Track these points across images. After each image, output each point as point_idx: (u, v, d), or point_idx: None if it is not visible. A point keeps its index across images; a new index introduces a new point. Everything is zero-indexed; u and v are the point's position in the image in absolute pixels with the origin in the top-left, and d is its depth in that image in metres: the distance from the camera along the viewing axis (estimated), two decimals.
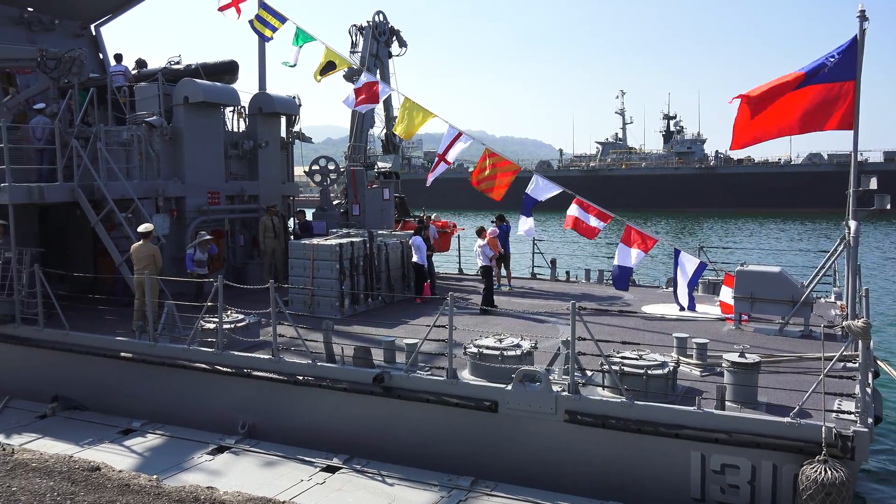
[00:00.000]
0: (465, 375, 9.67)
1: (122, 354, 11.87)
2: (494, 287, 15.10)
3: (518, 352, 9.50)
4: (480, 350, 9.59)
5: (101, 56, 21.28)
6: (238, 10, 16.00)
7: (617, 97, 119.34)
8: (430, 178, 13.51)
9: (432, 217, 17.85)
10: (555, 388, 8.91)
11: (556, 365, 9.71)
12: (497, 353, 9.47)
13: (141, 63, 19.01)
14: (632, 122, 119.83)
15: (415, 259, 15.64)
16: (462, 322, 12.57)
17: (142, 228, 12.65)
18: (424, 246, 15.64)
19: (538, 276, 19.12)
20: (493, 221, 16.07)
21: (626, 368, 8.79)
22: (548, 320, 13.57)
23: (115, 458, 9.63)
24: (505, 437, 9.16)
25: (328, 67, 14.49)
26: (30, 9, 19.42)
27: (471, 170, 13.34)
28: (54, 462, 6.43)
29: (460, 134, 13.07)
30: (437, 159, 13.26)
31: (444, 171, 13.27)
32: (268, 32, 15.65)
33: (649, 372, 8.68)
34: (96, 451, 9.98)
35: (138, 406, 11.78)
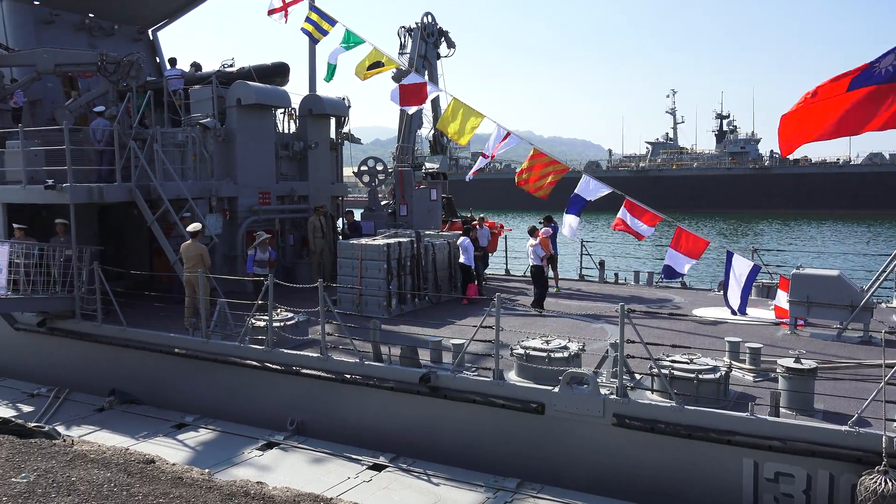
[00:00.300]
0: (512, 377, 9.63)
1: (176, 350, 12.18)
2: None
3: (565, 354, 9.43)
4: (527, 351, 9.54)
5: (157, 60, 21.87)
6: (286, 15, 16.24)
7: (668, 96, 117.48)
8: (472, 175, 13.49)
9: (480, 218, 17.79)
10: (603, 391, 8.81)
11: (604, 368, 9.60)
12: (544, 354, 9.41)
13: (196, 66, 19.47)
14: (683, 122, 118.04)
15: (461, 260, 15.64)
16: (509, 323, 12.52)
17: (191, 228, 12.94)
18: (472, 247, 15.63)
19: (586, 278, 18.93)
20: (540, 222, 15.96)
21: (676, 372, 8.64)
22: (596, 322, 13.42)
23: (169, 451, 9.87)
24: (551, 439, 9.09)
25: (374, 66, 14.58)
26: (91, 15, 20.09)
27: (517, 170, 13.24)
28: (111, 454, 6.62)
29: (508, 134, 13.03)
30: (481, 158, 13.24)
31: (490, 171, 13.27)
32: (318, 35, 15.86)
33: (700, 376, 8.51)
34: (151, 445, 10.25)
35: (191, 401, 12.06)
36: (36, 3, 18.99)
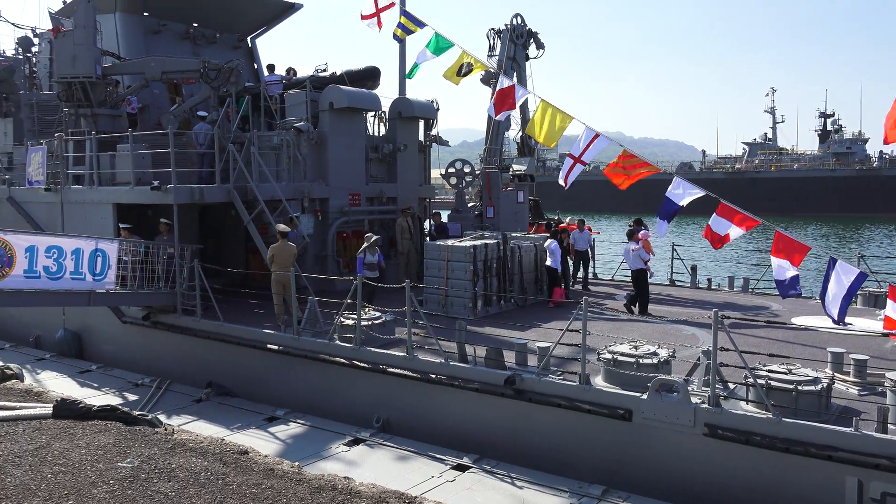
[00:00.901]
0: (599, 382, 9.47)
1: (269, 346, 12.60)
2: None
3: (654, 360, 9.19)
4: (615, 356, 9.36)
5: (255, 66, 22.72)
6: (379, 21, 16.49)
7: (767, 95, 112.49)
8: (568, 179, 13.25)
9: (579, 221, 17.49)
10: (694, 399, 8.53)
11: (695, 376, 9.31)
12: (632, 360, 9.20)
13: (291, 72, 20.11)
14: (783, 121, 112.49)
15: (548, 262, 15.50)
16: (596, 327, 12.32)
17: (281, 228, 13.35)
18: (559, 250, 15.47)
19: (677, 283, 18.40)
20: (630, 225, 15.62)
21: (773, 383, 8.26)
22: (687, 328, 13.02)
23: (261, 443, 10.21)
24: (639, 447, 8.87)
25: (464, 70, 14.62)
26: (195, 24, 21.09)
27: (604, 169, 12.96)
28: (208, 444, 6.92)
29: (597, 135, 12.79)
30: (571, 161, 13.01)
31: (579, 173, 12.98)
32: (403, 35, 16.06)
33: (799, 387, 8.11)
34: (244, 436, 10.63)
35: (282, 395, 12.45)
36: (145, 14, 20.09)
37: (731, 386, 9.05)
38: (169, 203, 14.29)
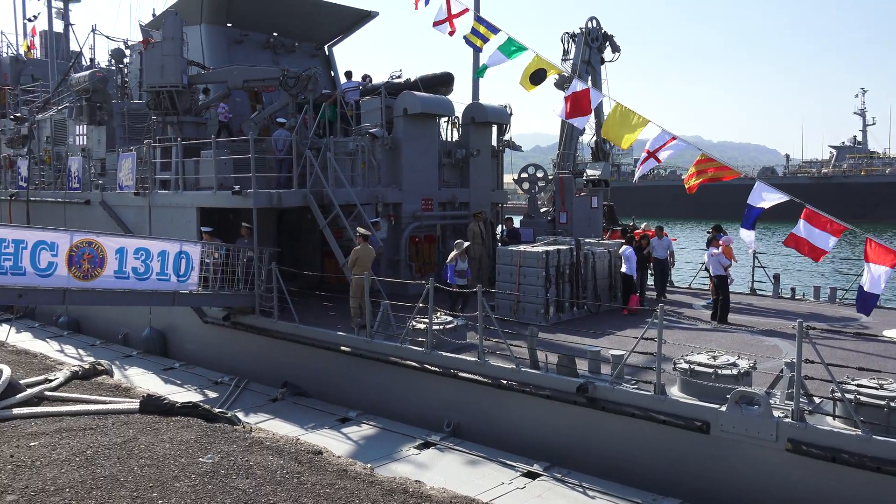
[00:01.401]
0: (675, 392, 9.22)
1: (342, 348, 12.81)
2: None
3: (734, 371, 8.88)
4: (692, 366, 9.10)
5: (332, 73, 23.21)
6: (452, 26, 16.55)
7: (856, 96, 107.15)
8: (637, 173, 12.98)
9: (657, 227, 17.12)
10: (776, 413, 8.20)
11: (777, 388, 8.95)
12: (710, 370, 8.92)
13: (366, 78, 20.46)
14: (874, 124, 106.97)
15: (623, 269, 15.23)
16: (672, 336, 12.02)
17: (362, 231, 13.56)
18: (634, 256, 15.17)
19: (758, 293, 17.76)
20: (708, 232, 15.19)
21: (862, 398, 7.86)
22: (769, 339, 12.54)
23: (334, 443, 10.38)
24: (716, 461, 8.59)
25: (538, 75, 14.53)
26: (275, 34, 21.73)
27: (684, 177, 12.62)
28: (284, 443, 7.08)
29: (674, 138, 12.49)
30: (645, 154, 12.71)
31: (653, 178, 12.71)
32: (479, 42, 16.07)
33: (893, 403, 7.69)
34: (318, 436, 10.84)
35: (354, 397, 12.63)
36: (229, 25, 20.82)
37: (817, 400, 8.66)
38: (249, 207, 14.73)
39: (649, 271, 16.75)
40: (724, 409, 8.42)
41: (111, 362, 14.08)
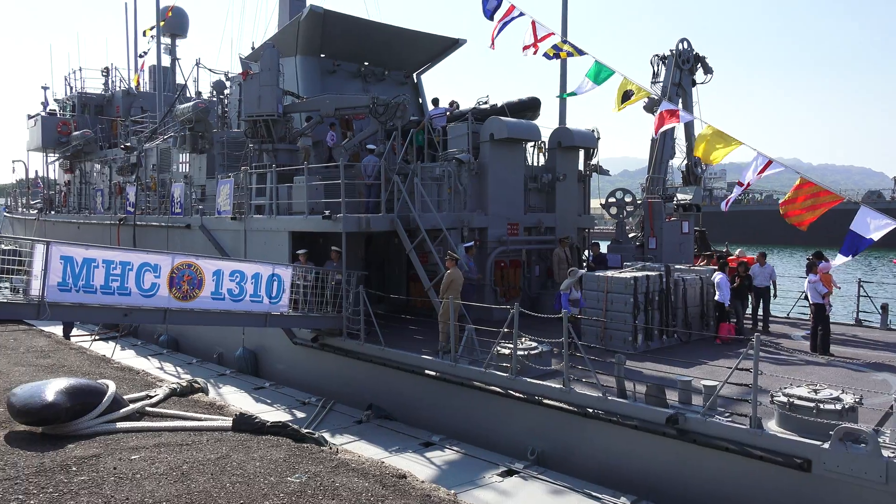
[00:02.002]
0: (772, 426, 8.78)
1: (427, 371, 12.88)
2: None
3: (838, 406, 8.38)
4: (791, 400, 8.64)
5: (420, 100, 23.64)
6: (536, 47, 16.56)
7: None
8: (727, 203, 12.57)
9: (760, 254, 16.44)
10: (885, 452, 7.67)
11: (887, 426, 8.39)
12: (811, 404, 8.45)
13: (453, 105, 20.73)
14: None
15: (716, 297, 14.71)
16: (769, 367, 11.47)
17: (452, 254, 13.64)
18: (727, 283, 14.63)
19: (864, 324, 16.75)
20: (809, 258, 14.48)
21: None
22: (877, 373, 11.79)
23: (418, 467, 10.41)
24: (817, 501, 8.10)
25: (626, 97, 14.36)
26: (366, 63, 22.38)
27: (781, 201, 12.11)
28: (369, 465, 7.15)
29: (770, 162, 12.03)
30: (739, 185, 12.30)
31: (749, 202, 12.28)
32: (564, 53, 16.04)
33: None
34: (402, 459, 10.89)
35: (438, 421, 12.64)
36: (322, 56, 21.60)
37: None
38: (338, 231, 15.11)
39: (749, 300, 16.03)
40: (827, 446, 7.95)
41: (207, 380, 14.65)
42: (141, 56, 37.70)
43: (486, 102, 20.17)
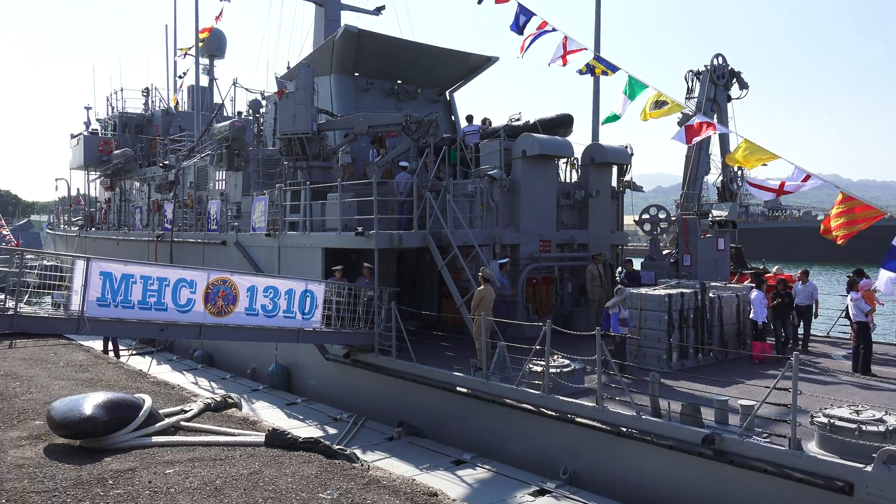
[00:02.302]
0: (812, 448, 8.56)
1: (458, 388, 12.83)
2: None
3: (881, 427, 8.15)
4: (832, 421, 8.43)
5: (452, 118, 23.77)
6: (565, 60, 16.53)
7: None
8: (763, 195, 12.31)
9: (803, 272, 16.09)
10: None
11: None
12: (853, 426, 8.22)
13: (485, 122, 20.80)
14: None
15: (751, 315, 14.45)
16: (808, 387, 11.21)
17: (485, 273, 13.62)
18: (763, 301, 14.36)
19: None
20: (848, 275, 14.16)
21: None
22: None
23: (449, 486, 10.35)
24: None
25: (657, 105, 14.26)
26: (399, 82, 22.60)
27: (820, 217, 11.89)
28: (400, 482, 7.13)
29: (808, 177, 11.83)
30: (773, 186, 12.10)
31: (786, 218, 12.07)
32: (598, 71, 16.00)
33: None
34: (432, 477, 10.84)
35: (469, 439, 12.57)
36: (356, 75, 21.86)
37: None
38: (371, 248, 15.20)
39: (792, 319, 15.66)
40: (869, 469, 7.72)
41: (240, 396, 14.78)
42: (180, 77, 38.62)
43: (518, 119, 20.19)
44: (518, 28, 17.03)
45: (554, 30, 16.60)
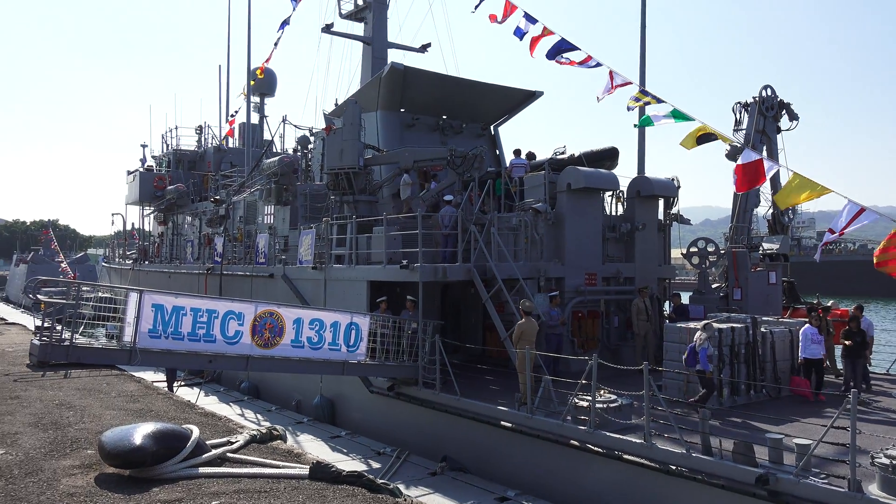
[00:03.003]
0: (873, 490, 8.20)
1: (502, 423, 12.68)
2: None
3: None
4: (893, 462, 8.07)
5: (497, 152, 23.91)
6: (612, 91, 16.47)
7: None
8: (819, 253, 12.00)
9: (857, 307, 15.53)
10: None
11: None
12: None
13: (530, 156, 20.84)
14: None
15: (801, 352, 13.98)
16: (868, 426, 10.77)
17: (526, 306, 13.54)
18: (815, 337, 13.89)
19: None
20: None
21: None
22: None
23: None
24: None
25: (705, 137, 14.09)
26: (444, 117, 22.89)
27: (876, 251, 11.53)
28: None
29: (863, 210, 11.50)
30: (829, 233, 11.78)
31: (840, 252, 11.68)
32: (642, 102, 15.91)
33: None
34: None
35: (513, 475, 12.38)
36: (402, 110, 22.23)
37: None
38: (415, 280, 15.26)
39: (867, 359, 15.03)
40: None
41: (285, 428, 14.87)
42: (232, 115, 39.82)
43: (563, 153, 20.20)
44: (556, 56, 16.91)
45: (598, 64, 16.60)
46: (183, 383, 20.86)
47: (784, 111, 20.90)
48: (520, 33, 17.34)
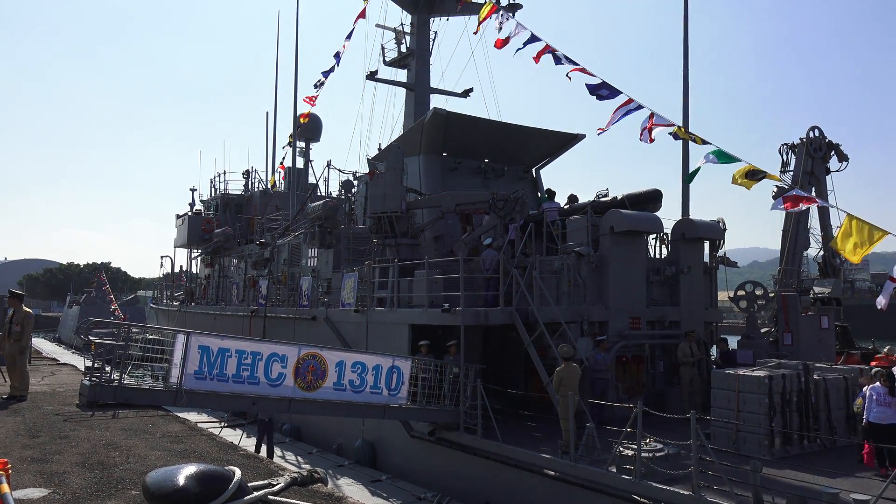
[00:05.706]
0: None
1: (545, 470, 12.42)
2: None
3: None
4: None
5: (539, 194, 23.94)
6: (651, 136, 16.33)
7: None
8: (883, 301, 11.57)
9: (885, 351, 15.14)
10: None
11: None
12: None
13: (572, 198, 20.82)
14: None
15: (864, 414, 13.35)
16: None
17: (564, 352, 13.35)
18: (884, 397, 13.19)
19: None
20: None
21: None
22: None
23: None
24: None
25: (754, 174, 13.84)
26: (486, 160, 23.08)
27: None
28: None
29: None
30: (889, 282, 11.38)
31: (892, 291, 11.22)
32: (685, 136, 15.71)
33: None
34: None
35: None
36: (444, 154, 22.49)
37: None
38: (457, 324, 15.21)
39: None
40: None
41: (326, 471, 14.81)
42: (281, 162, 40.76)
43: (605, 195, 20.12)
44: (599, 95, 16.80)
45: (640, 107, 16.57)
46: (225, 424, 20.99)
47: (833, 152, 20.56)
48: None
